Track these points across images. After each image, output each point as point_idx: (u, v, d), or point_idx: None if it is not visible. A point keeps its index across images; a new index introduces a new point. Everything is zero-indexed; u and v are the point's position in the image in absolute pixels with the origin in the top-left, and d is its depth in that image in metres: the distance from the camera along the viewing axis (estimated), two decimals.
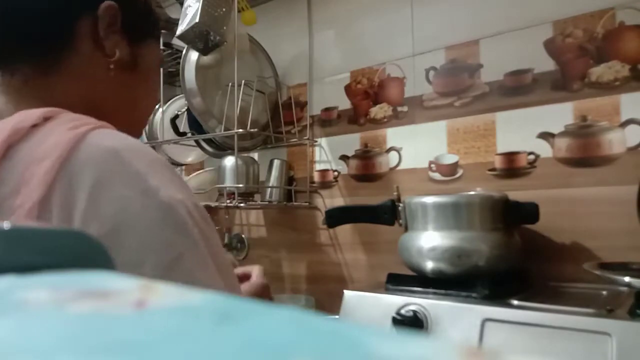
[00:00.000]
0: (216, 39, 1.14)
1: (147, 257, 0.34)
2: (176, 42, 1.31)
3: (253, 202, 1.30)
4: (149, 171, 0.37)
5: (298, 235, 1.38)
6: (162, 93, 1.32)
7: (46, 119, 0.37)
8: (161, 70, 0.64)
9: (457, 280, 0.85)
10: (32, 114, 0.37)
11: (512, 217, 0.88)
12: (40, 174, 0.33)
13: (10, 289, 0.13)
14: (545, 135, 0.99)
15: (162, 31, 1.33)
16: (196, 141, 1.35)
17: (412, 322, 0.81)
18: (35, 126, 0.36)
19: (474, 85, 1.09)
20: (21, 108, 0.41)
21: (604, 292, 0.84)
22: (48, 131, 0.36)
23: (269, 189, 1.32)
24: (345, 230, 1.27)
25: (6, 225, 0.16)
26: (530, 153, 1.01)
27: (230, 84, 1.21)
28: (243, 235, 1.51)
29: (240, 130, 1.16)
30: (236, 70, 1.18)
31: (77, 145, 0.35)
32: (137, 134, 0.59)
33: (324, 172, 1.35)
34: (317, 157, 1.36)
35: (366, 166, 1.26)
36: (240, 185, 1.22)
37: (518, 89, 1.03)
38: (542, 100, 1.00)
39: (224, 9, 1.14)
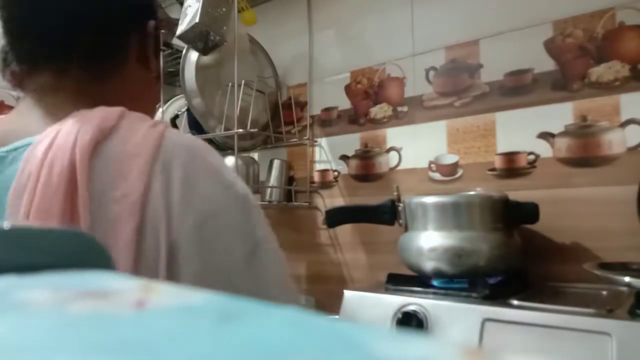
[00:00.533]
0: (216, 39, 1.14)
1: (236, 246, 0.38)
2: (176, 42, 1.31)
3: None
4: (222, 166, 0.41)
5: (298, 235, 1.38)
6: (162, 93, 1.32)
7: (120, 118, 0.41)
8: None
9: (457, 281, 0.85)
10: (111, 114, 0.40)
11: (512, 217, 0.88)
12: (136, 169, 0.37)
13: (10, 289, 0.13)
14: (545, 135, 0.99)
15: (162, 31, 1.33)
16: None
17: (412, 322, 0.81)
18: (114, 125, 0.40)
19: (474, 85, 1.09)
20: (80, 107, 0.43)
21: (604, 292, 0.84)
22: (127, 129, 0.39)
23: (269, 189, 1.32)
24: (345, 230, 1.27)
25: (6, 225, 0.16)
26: (530, 153, 1.01)
27: (230, 84, 1.21)
28: None
29: (240, 130, 1.16)
30: (236, 70, 1.18)
31: (162, 143, 0.39)
32: None
33: (324, 172, 1.34)
34: (317, 157, 1.36)
35: (366, 166, 1.26)
36: None
37: (518, 89, 1.03)
38: (542, 100, 1.00)
39: (224, 9, 1.14)
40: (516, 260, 0.90)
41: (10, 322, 0.11)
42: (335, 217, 1.07)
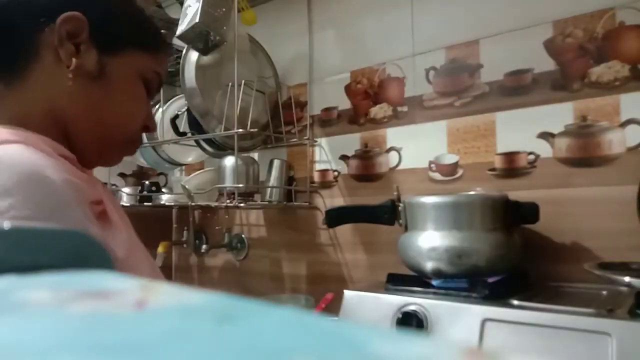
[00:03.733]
0: (216, 39, 1.14)
1: None
2: (176, 42, 1.31)
3: (253, 202, 1.30)
4: (11, 186, 0.38)
5: (298, 235, 1.38)
6: (162, 93, 1.32)
7: None
8: (156, 81, 0.61)
9: (457, 281, 0.85)
10: None
11: (512, 217, 0.88)
12: None
13: (10, 289, 0.13)
14: (545, 135, 0.99)
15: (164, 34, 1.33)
16: (196, 141, 1.35)
17: (412, 322, 0.81)
18: None
19: (474, 85, 1.09)
20: None
21: (604, 292, 0.84)
22: None
23: (269, 189, 1.32)
24: (345, 230, 1.27)
25: (6, 225, 0.16)
26: (530, 153, 1.01)
27: (230, 84, 1.21)
28: (243, 235, 1.51)
29: (240, 130, 1.16)
30: (236, 70, 1.18)
31: None
32: (111, 158, 0.58)
33: (324, 172, 1.34)
34: (317, 157, 1.36)
35: (366, 166, 1.26)
36: (240, 185, 1.22)
37: (518, 89, 1.03)
38: (542, 100, 1.00)
39: (224, 9, 1.14)
40: (516, 260, 0.90)
41: (10, 322, 0.11)
42: (335, 217, 1.07)
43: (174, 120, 1.33)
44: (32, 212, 0.38)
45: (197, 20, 1.08)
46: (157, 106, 1.42)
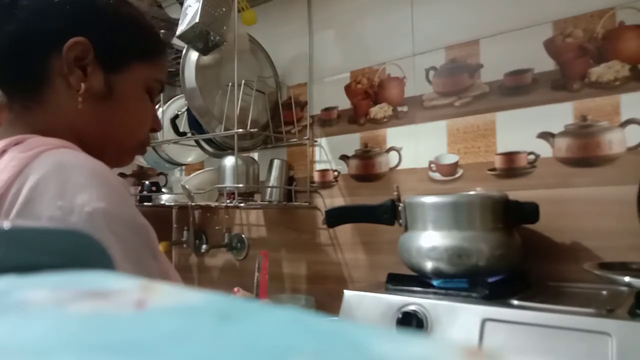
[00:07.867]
0: (216, 39, 1.14)
1: None
2: (176, 42, 1.31)
3: (253, 202, 1.30)
4: (85, 183, 0.44)
5: (298, 235, 1.38)
6: (162, 93, 1.32)
7: (16, 144, 0.47)
8: (158, 88, 0.64)
9: (457, 281, 0.85)
10: (3, 141, 0.48)
11: (512, 217, 0.88)
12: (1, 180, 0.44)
13: (10, 289, 0.13)
14: (545, 135, 0.99)
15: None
16: (196, 141, 1.35)
17: (412, 322, 0.81)
18: (5, 151, 0.46)
19: (474, 85, 1.09)
20: (6, 138, 0.48)
21: (604, 292, 0.84)
22: (13, 153, 0.46)
23: (269, 189, 1.32)
24: (345, 230, 1.27)
25: (6, 225, 0.16)
26: (530, 153, 1.01)
27: (230, 84, 1.21)
28: (243, 235, 1.51)
29: (240, 130, 1.16)
30: (236, 70, 1.18)
31: (32, 161, 0.44)
32: (125, 161, 0.64)
33: (324, 172, 1.34)
34: (317, 157, 1.36)
35: (366, 166, 1.26)
36: (240, 185, 1.22)
37: (518, 89, 1.03)
38: (542, 100, 1.00)
39: (224, 9, 1.14)
40: (516, 260, 0.90)
41: (10, 322, 0.11)
42: (335, 217, 1.07)
43: (174, 120, 1.33)
44: (107, 204, 0.43)
45: (197, 20, 1.08)
46: (157, 106, 1.42)
